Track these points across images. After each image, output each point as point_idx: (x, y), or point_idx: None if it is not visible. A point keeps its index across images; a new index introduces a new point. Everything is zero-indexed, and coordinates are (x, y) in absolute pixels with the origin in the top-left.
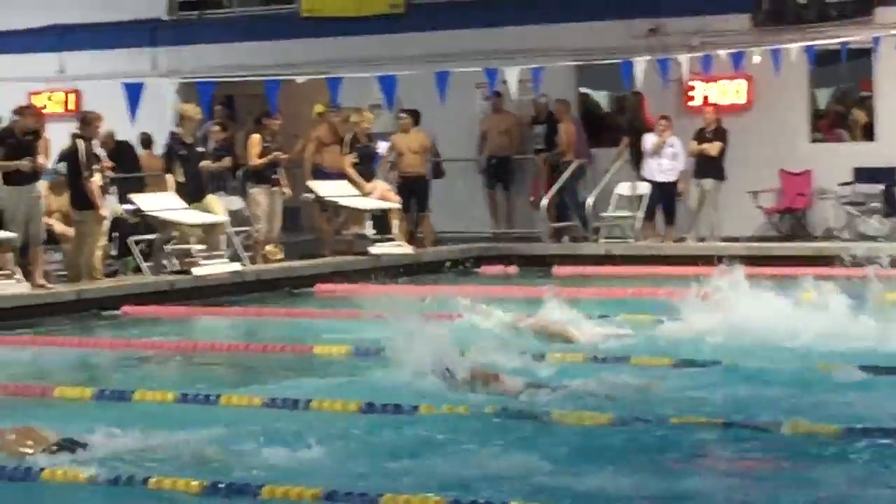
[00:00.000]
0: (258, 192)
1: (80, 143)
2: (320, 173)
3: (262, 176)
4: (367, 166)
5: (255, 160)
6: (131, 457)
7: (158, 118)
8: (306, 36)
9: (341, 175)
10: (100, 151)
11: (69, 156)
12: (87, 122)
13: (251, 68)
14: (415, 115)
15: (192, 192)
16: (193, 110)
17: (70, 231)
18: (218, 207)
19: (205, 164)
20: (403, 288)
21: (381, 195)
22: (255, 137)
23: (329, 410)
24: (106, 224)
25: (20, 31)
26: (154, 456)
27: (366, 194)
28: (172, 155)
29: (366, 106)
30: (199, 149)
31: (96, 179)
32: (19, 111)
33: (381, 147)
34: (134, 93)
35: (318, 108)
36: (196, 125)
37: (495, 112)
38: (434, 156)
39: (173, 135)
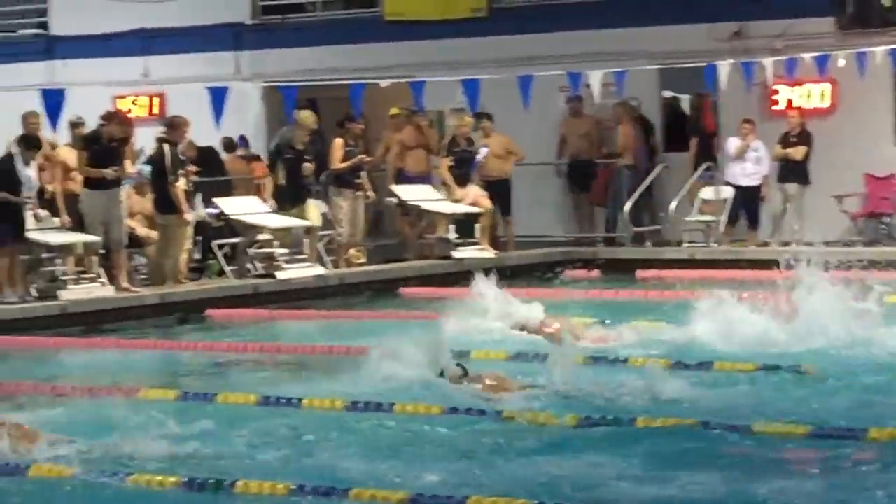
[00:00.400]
0: (341, 196)
1: (166, 148)
2: (403, 177)
3: (345, 180)
4: (463, 170)
5: (338, 164)
6: (213, 459)
7: (242, 122)
8: (389, 39)
9: (424, 178)
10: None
11: (155, 160)
12: (174, 126)
13: (334, 72)
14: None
15: (292, 196)
16: (311, 118)
17: (153, 234)
18: (315, 214)
19: (307, 166)
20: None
21: (473, 200)
22: (339, 141)
23: (411, 413)
24: (190, 228)
25: (106, 36)
26: (238, 458)
27: (457, 199)
28: (278, 157)
29: (448, 109)
30: (308, 156)
31: (181, 184)
32: (106, 118)
33: (482, 152)
34: (218, 97)
35: (394, 110)
36: (308, 133)
37: (575, 116)
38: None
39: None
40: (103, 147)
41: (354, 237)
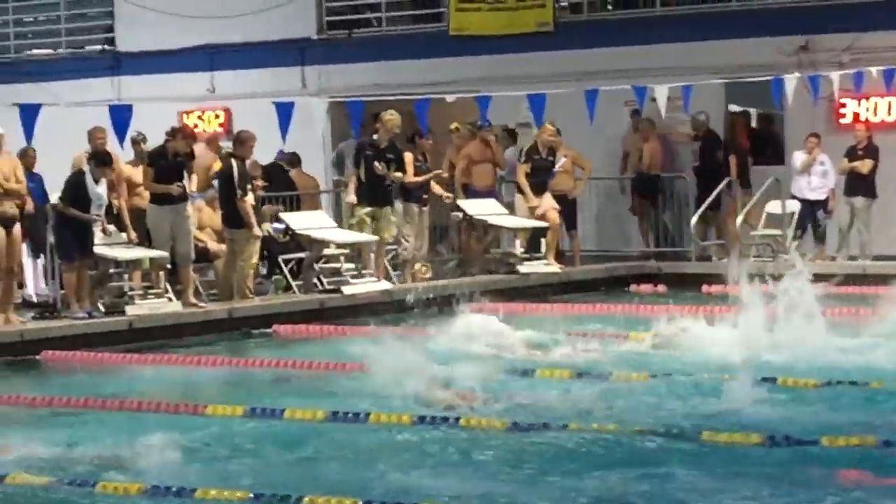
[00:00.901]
0: (404, 210)
1: (234, 163)
2: (469, 191)
3: (412, 194)
4: (540, 178)
5: (410, 178)
6: (280, 474)
7: (307, 137)
8: (455, 54)
9: (490, 193)
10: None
11: (223, 175)
12: (242, 141)
13: (400, 87)
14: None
15: (372, 196)
16: (396, 120)
17: (223, 247)
18: (388, 223)
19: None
20: (552, 307)
21: (545, 211)
22: (409, 156)
23: (476, 428)
24: (257, 243)
25: (171, 51)
26: (305, 473)
27: (532, 207)
28: (360, 155)
29: (513, 125)
30: (390, 155)
31: (249, 199)
32: (172, 133)
33: (560, 162)
34: (285, 112)
35: (455, 125)
36: (390, 134)
37: (636, 130)
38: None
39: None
40: (169, 163)
41: (419, 252)
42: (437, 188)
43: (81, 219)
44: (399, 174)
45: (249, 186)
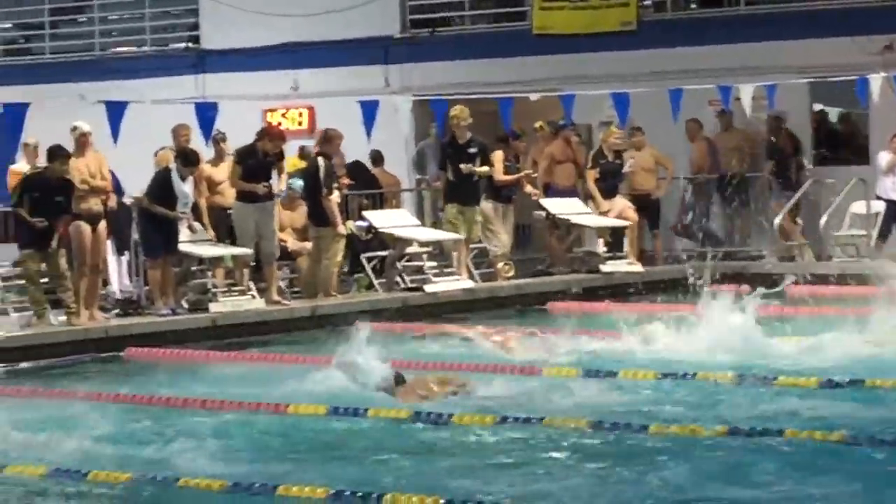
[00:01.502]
0: (492, 209)
1: (321, 161)
2: (552, 191)
3: (500, 193)
4: (609, 182)
5: (499, 176)
6: (364, 472)
7: (390, 135)
8: (538, 53)
9: (573, 192)
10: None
11: (310, 173)
12: (329, 139)
13: (483, 85)
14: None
15: (460, 195)
16: (465, 112)
17: (304, 247)
18: (475, 223)
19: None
20: (634, 306)
21: (619, 212)
22: (499, 154)
23: (560, 427)
24: (342, 241)
25: (255, 50)
26: (388, 471)
27: (603, 212)
28: (443, 156)
29: (597, 122)
30: (471, 150)
31: (335, 197)
32: (261, 134)
33: (629, 164)
34: (369, 110)
35: (539, 123)
36: (464, 128)
37: (724, 129)
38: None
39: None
40: (258, 162)
41: (503, 251)
42: (528, 187)
43: (167, 216)
44: (485, 168)
45: (335, 184)
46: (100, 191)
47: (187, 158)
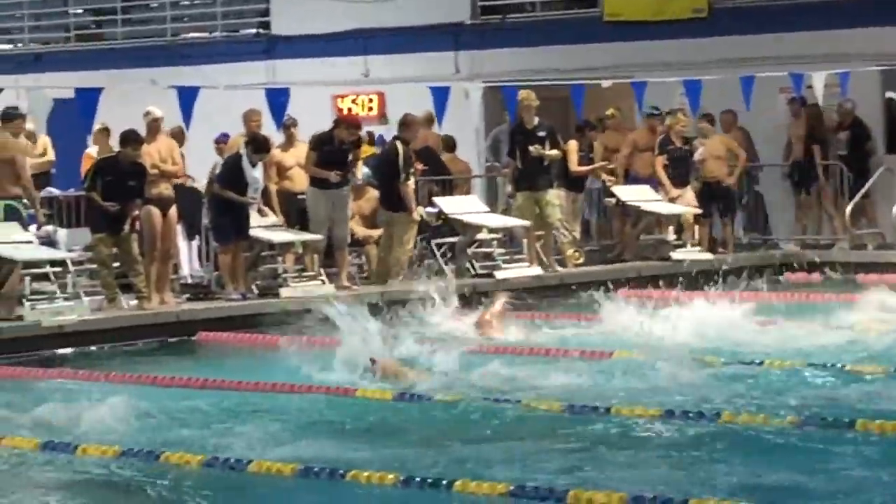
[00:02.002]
0: (564, 197)
1: (400, 146)
2: (631, 178)
3: (572, 182)
4: (679, 170)
5: (574, 167)
6: (430, 458)
7: (460, 121)
8: (609, 40)
9: (651, 181)
10: None
11: (387, 158)
12: (408, 125)
13: (553, 72)
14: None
15: (530, 181)
16: (531, 95)
17: (373, 233)
18: (552, 207)
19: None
20: (701, 294)
21: (689, 201)
22: (574, 145)
23: (627, 415)
24: (415, 227)
25: (325, 36)
26: (457, 458)
27: (672, 199)
28: (512, 142)
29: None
30: (540, 134)
31: (410, 183)
32: (337, 123)
33: (698, 153)
34: (440, 96)
35: (611, 110)
36: (532, 112)
37: (796, 117)
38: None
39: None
40: (333, 149)
41: (573, 237)
42: (604, 175)
43: (238, 201)
44: (555, 152)
45: (412, 170)
46: (170, 176)
47: (258, 145)
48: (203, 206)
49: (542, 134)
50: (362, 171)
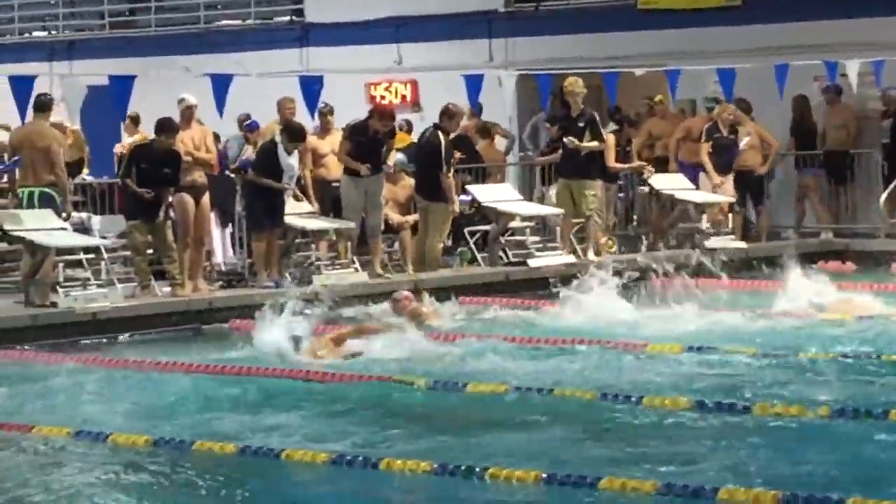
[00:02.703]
0: (600, 186)
1: (442, 137)
2: (680, 166)
3: (607, 173)
4: (723, 157)
5: (611, 163)
6: (464, 446)
7: (493, 109)
8: (642, 28)
9: (696, 167)
10: None
11: (429, 148)
12: (451, 115)
13: (586, 60)
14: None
15: (566, 168)
16: (578, 83)
17: (406, 220)
18: (584, 198)
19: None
20: (736, 283)
21: (727, 190)
22: (612, 140)
23: (660, 407)
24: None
25: (358, 23)
26: (487, 445)
27: (716, 186)
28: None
29: (701, 98)
30: (580, 123)
31: (451, 174)
32: (371, 113)
33: (744, 141)
34: (474, 85)
35: (660, 97)
36: (577, 99)
37: (831, 106)
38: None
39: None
40: (368, 139)
41: (605, 226)
42: (646, 173)
43: (273, 188)
44: (594, 143)
45: (452, 161)
46: (203, 164)
47: (294, 133)
48: (236, 194)
49: (581, 124)
50: (396, 157)
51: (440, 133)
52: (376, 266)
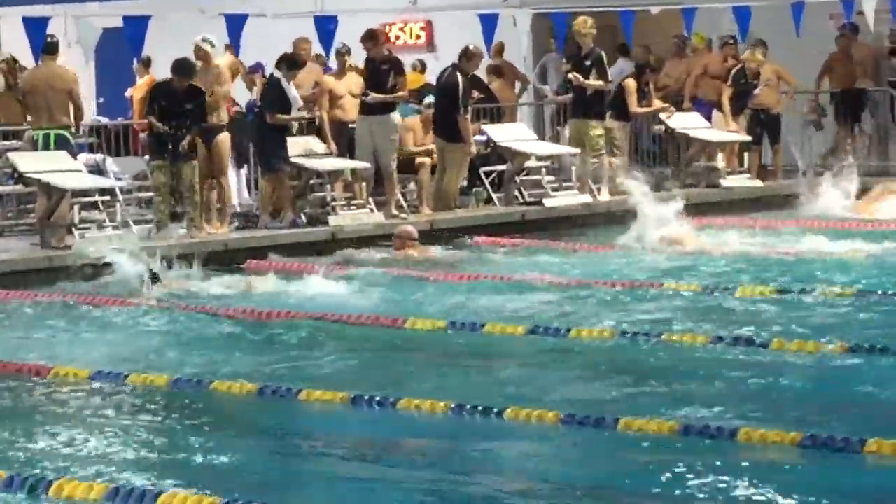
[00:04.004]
0: (618, 127)
1: (460, 78)
2: (696, 103)
3: (624, 113)
4: (739, 102)
5: (633, 107)
6: (482, 387)
7: (509, 49)
8: None
9: (713, 106)
10: None
11: (447, 90)
12: (470, 56)
13: None
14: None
15: (575, 107)
16: (589, 22)
17: (424, 160)
18: (590, 137)
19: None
20: (750, 221)
21: (737, 130)
22: (633, 84)
23: (679, 342)
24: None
25: None
26: (502, 386)
27: (731, 131)
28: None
29: (716, 37)
30: (587, 62)
31: (467, 115)
32: (364, 38)
33: (760, 88)
34: (489, 24)
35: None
36: (585, 39)
37: (847, 43)
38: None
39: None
40: (376, 68)
41: (622, 164)
42: (664, 115)
43: (287, 122)
44: (599, 83)
45: (469, 102)
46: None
47: (292, 62)
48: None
49: (588, 63)
50: (428, 99)
51: (458, 74)
52: (392, 206)
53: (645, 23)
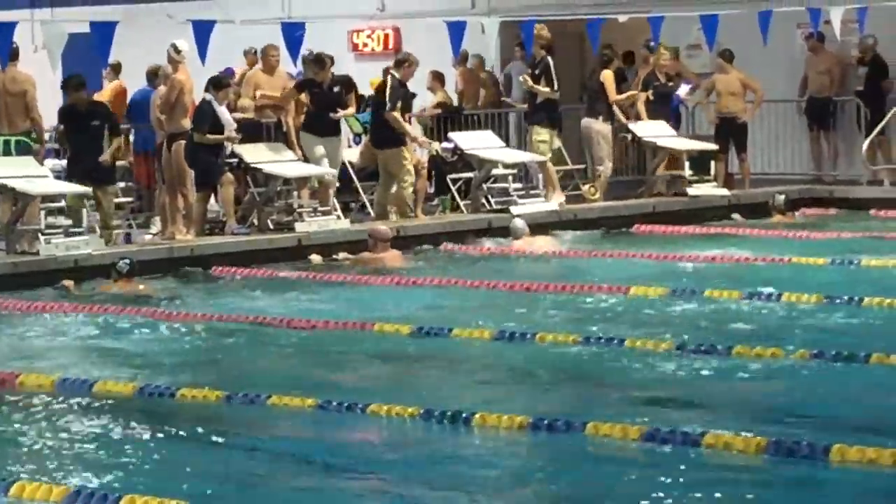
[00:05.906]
0: (609, 130)
1: (389, 80)
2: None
3: (607, 111)
4: (660, 106)
5: (613, 95)
6: (449, 391)
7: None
8: None
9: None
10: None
11: (378, 91)
12: (399, 63)
13: (570, 7)
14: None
15: (530, 114)
16: (544, 29)
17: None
18: (533, 143)
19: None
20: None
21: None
22: (610, 74)
23: (642, 349)
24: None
25: None
26: (474, 392)
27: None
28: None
29: (684, 45)
30: (537, 71)
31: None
32: (313, 61)
33: (682, 90)
34: (456, 31)
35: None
36: (539, 46)
37: (814, 53)
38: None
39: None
40: (323, 92)
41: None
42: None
43: (217, 143)
44: (546, 90)
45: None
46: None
47: (217, 81)
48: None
49: (537, 71)
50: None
51: (389, 77)
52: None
53: (612, 31)
